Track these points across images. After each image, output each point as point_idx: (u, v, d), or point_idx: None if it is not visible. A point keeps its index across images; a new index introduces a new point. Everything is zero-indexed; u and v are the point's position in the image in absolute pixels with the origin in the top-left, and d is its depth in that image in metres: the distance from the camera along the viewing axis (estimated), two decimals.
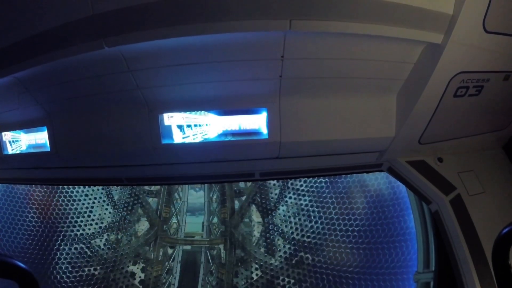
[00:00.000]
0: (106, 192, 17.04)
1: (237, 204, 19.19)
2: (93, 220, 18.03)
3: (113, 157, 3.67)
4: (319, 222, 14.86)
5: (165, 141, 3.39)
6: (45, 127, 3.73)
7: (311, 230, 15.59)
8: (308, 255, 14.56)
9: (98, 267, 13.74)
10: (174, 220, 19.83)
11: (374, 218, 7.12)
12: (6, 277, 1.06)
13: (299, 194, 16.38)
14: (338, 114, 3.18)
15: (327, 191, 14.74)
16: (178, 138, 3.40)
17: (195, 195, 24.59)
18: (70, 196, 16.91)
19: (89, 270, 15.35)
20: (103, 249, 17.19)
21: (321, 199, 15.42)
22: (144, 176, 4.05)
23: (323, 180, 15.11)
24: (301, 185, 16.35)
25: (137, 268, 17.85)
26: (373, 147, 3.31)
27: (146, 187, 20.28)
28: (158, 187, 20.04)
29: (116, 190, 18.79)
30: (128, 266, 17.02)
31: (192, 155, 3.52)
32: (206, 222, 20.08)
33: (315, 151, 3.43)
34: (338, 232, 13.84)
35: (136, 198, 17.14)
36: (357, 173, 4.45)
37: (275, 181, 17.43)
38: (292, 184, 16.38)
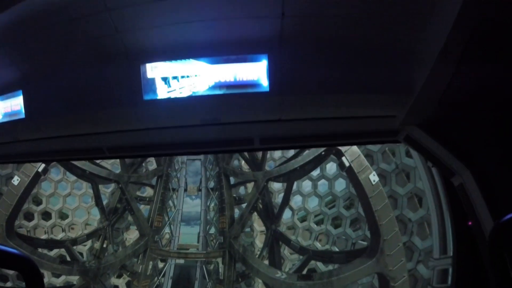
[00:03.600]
0: (94, 194, 16.89)
1: (237, 212, 18.72)
2: (76, 223, 17.78)
3: (92, 121, 3.43)
4: (329, 224, 14.27)
5: (147, 97, 3.16)
6: (20, 91, 3.59)
7: (321, 234, 14.96)
8: (319, 263, 13.86)
9: (77, 276, 13.26)
10: (167, 230, 19.37)
11: None
12: (8, 267, 1.10)
13: (306, 196, 15.89)
14: (350, 64, 2.89)
15: (337, 189, 14.24)
16: (162, 92, 3.15)
17: (190, 203, 24.15)
18: (52, 194, 16.83)
19: (67, 278, 14.90)
20: (85, 257, 16.78)
21: (330, 199, 14.90)
22: (126, 144, 3.79)
23: (329, 180, 14.60)
24: (307, 187, 15.86)
25: (122, 281, 17.28)
26: (389, 109, 3.02)
27: (138, 193, 20.07)
28: (151, 193, 19.76)
29: (105, 194, 18.64)
30: (111, 279, 16.48)
31: (179, 114, 3.23)
32: (203, 232, 19.52)
33: (322, 112, 3.14)
34: (350, 236, 13.21)
35: (126, 204, 16.88)
36: (371, 142, 4.02)
37: (279, 185, 17.00)
38: (298, 186, 15.91)
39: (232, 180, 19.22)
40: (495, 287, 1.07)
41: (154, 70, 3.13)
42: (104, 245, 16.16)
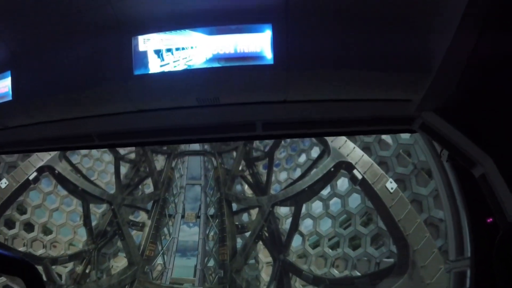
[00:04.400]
0: (84, 213, 16.09)
1: (239, 242, 17.41)
2: (59, 241, 16.57)
3: (80, 103, 3.21)
4: (347, 246, 12.74)
5: (138, 72, 2.90)
6: (9, 72, 3.46)
7: (338, 259, 13.32)
8: None
9: None
10: (159, 260, 17.95)
11: None
12: (11, 273, 1.11)
13: (317, 218, 14.67)
14: (363, 36, 2.66)
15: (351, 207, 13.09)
16: (154, 66, 2.90)
17: (187, 232, 22.80)
18: (39, 206, 15.96)
19: None
20: (63, 280, 15.28)
21: (345, 219, 13.64)
22: (117, 130, 3.52)
23: (342, 198, 13.56)
24: (317, 208, 14.76)
25: None
26: (404, 92, 2.79)
27: (131, 217, 19.13)
28: (145, 218, 18.83)
29: (95, 214, 17.78)
30: None
31: (173, 91, 2.95)
32: (200, 265, 17.98)
33: (331, 92, 2.88)
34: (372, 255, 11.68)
35: (117, 228, 15.93)
36: (383, 131, 3.73)
37: (286, 209, 15.98)
38: (307, 208, 14.84)
39: (235, 206, 18.31)
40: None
41: (147, 42, 2.93)
42: (87, 270, 14.83)
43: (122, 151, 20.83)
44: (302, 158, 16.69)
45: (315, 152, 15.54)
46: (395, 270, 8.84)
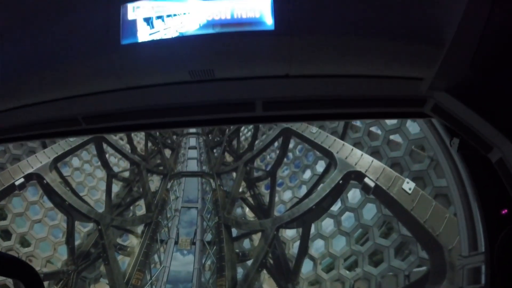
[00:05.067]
0: (68, 230, 15.03)
1: (240, 272, 16.00)
2: (37, 256, 15.19)
3: (64, 81, 3.00)
4: (367, 264, 11.26)
5: (126, 41, 2.69)
6: None
7: (358, 280, 11.72)
8: None
9: None
10: None
11: None
12: (11, 276, 1.15)
13: (329, 238, 13.45)
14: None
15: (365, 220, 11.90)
16: (143, 34, 2.69)
17: (181, 260, 21.30)
18: (21, 214, 14.91)
19: None
20: None
21: (361, 233, 12.40)
22: (105, 111, 3.27)
23: (355, 211, 12.51)
24: (328, 226, 13.62)
25: None
26: (415, 68, 2.64)
27: (119, 240, 17.96)
28: (134, 242, 17.67)
29: (80, 233, 16.69)
30: None
31: (164, 62, 2.71)
32: None
33: (337, 65, 2.70)
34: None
35: (102, 251, 14.82)
36: (394, 114, 3.51)
37: (293, 231, 14.81)
38: (317, 228, 13.72)
39: (235, 232, 17.33)
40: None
41: (136, 10, 2.76)
42: None
43: (116, 168, 20.52)
44: (307, 174, 16.13)
45: (320, 166, 15.03)
46: (430, 278, 7.75)
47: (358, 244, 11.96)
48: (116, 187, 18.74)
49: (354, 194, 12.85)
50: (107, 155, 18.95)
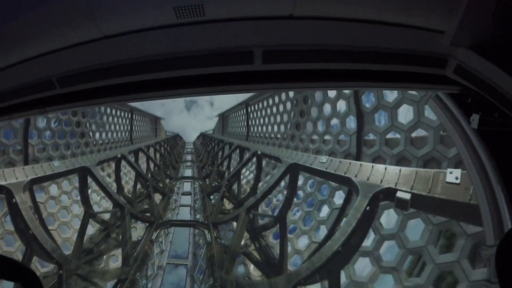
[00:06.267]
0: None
1: None
2: None
3: (34, 34, 2.61)
4: None
5: None
6: None
7: None
8: None
9: None
10: None
11: None
12: (10, 279, 1.14)
13: (368, 283, 10.45)
14: None
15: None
16: None
17: None
18: None
19: None
20: None
21: (412, 261, 9.59)
22: (81, 68, 2.90)
23: (395, 237, 10.13)
24: (365, 268, 10.82)
25: None
26: (435, 17, 2.47)
27: None
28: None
29: (36, 272, 12.31)
30: None
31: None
32: None
33: (350, 6, 2.48)
34: None
35: None
36: (412, 78, 3.01)
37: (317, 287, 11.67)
38: (348, 275, 10.90)
39: None
40: None
41: None
42: None
43: (96, 207, 17.73)
44: (324, 211, 14.42)
45: (338, 197, 13.60)
46: None
47: (412, 277, 9.63)
48: (91, 229, 15.73)
49: (388, 217, 11.27)
50: (89, 191, 16.78)
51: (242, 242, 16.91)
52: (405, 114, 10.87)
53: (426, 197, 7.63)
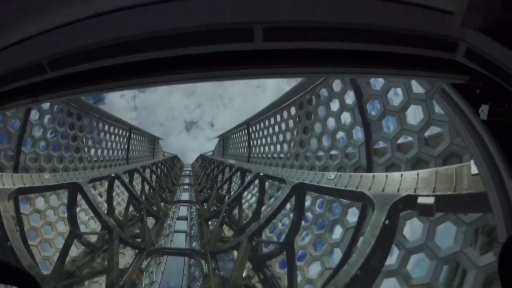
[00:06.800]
0: None
1: None
2: None
3: (24, 14, 2.51)
4: None
5: None
6: None
7: None
8: None
9: None
10: None
11: None
12: (7, 282, 1.17)
13: None
14: None
15: None
16: None
17: None
18: None
19: None
20: None
21: (449, 270, 8.21)
22: (72, 48, 2.78)
23: (423, 248, 8.94)
24: None
25: None
26: None
27: None
28: None
29: None
30: None
31: None
32: None
33: None
34: None
35: None
36: (421, 62, 2.92)
37: None
38: None
39: None
40: None
41: None
42: None
43: (83, 227, 16.09)
44: (337, 232, 13.32)
45: (352, 215, 12.71)
46: None
47: None
48: (75, 250, 14.07)
49: (412, 228, 10.39)
50: (78, 209, 15.48)
51: (244, 273, 15.28)
52: (414, 115, 10.63)
53: (452, 196, 7.05)
